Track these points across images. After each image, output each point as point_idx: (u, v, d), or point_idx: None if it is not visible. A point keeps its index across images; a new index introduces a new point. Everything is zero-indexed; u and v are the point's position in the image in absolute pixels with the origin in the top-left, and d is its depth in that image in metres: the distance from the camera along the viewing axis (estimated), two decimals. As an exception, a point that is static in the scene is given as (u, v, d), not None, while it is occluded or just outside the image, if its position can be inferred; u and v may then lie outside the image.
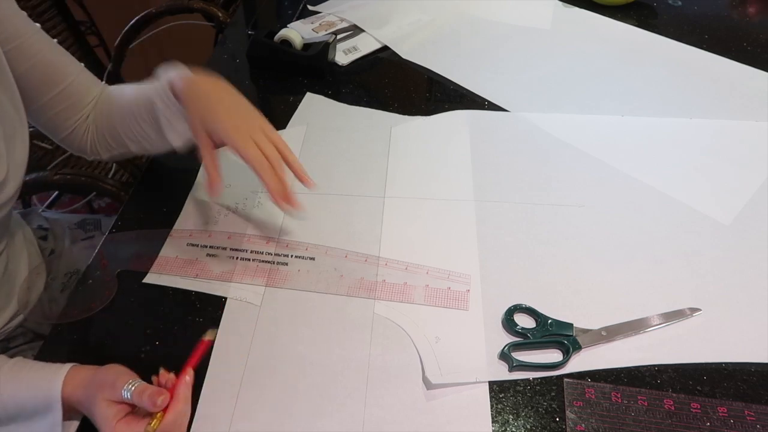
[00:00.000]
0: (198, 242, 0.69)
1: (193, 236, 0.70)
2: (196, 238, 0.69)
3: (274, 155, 0.59)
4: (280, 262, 0.67)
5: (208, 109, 0.59)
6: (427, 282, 0.64)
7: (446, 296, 0.63)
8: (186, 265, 0.66)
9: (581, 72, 0.98)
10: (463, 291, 0.63)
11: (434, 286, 0.64)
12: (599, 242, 0.69)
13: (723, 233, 0.71)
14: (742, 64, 0.99)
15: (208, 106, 0.59)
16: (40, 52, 0.64)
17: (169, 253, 0.68)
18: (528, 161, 0.80)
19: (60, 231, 0.85)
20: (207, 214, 0.72)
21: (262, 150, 0.58)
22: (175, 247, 0.68)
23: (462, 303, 0.62)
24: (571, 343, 0.58)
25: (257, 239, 0.69)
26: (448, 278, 0.65)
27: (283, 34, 0.95)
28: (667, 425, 0.53)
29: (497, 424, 0.53)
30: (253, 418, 0.53)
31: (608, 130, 0.86)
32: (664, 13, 1.14)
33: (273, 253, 0.68)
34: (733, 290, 0.64)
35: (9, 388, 0.50)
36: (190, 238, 0.70)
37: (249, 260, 0.67)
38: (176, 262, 0.67)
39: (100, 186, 1.09)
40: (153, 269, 0.66)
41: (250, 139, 0.58)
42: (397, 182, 0.77)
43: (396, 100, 0.92)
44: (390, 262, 0.66)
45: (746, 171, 0.79)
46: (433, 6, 1.13)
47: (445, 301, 0.63)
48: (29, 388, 0.51)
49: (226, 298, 0.63)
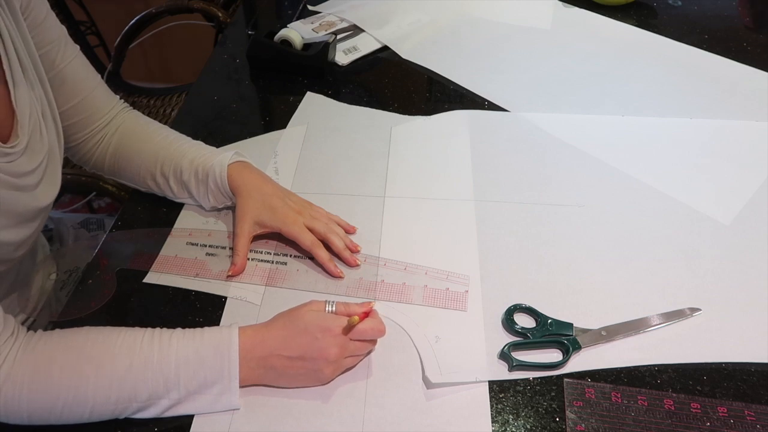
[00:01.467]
0: (197, 241, 0.69)
1: (192, 235, 0.70)
2: (196, 237, 0.70)
3: (323, 229, 0.66)
4: (279, 262, 0.67)
5: (263, 203, 0.66)
6: (426, 282, 0.64)
7: (445, 297, 0.63)
8: (186, 264, 0.66)
9: (581, 72, 0.98)
10: (462, 292, 0.63)
11: (433, 286, 0.64)
12: (599, 242, 0.69)
13: (723, 233, 0.71)
14: (742, 64, 0.99)
15: (262, 200, 0.67)
16: (63, 62, 0.64)
17: (168, 252, 0.68)
18: (528, 161, 0.80)
19: (64, 230, 0.86)
20: (207, 213, 0.72)
21: (315, 228, 0.66)
22: (174, 246, 0.69)
23: (460, 304, 0.62)
24: (571, 343, 0.58)
25: (257, 239, 0.69)
26: (446, 279, 0.65)
27: (283, 34, 0.95)
28: (667, 425, 0.53)
29: (497, 424, 0.53)
30: (253, 418, 0.53)
31: (608, 130, 0.86)
32: (664, 13, 1.14)
33: (272, 252, 0.68)
34: (733, 290, 0.64)
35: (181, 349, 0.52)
36: (190, 237, 0.70)
37: (248, 260, 0.67)
38: (176, 261, 0.67)
39: (101, 186, 1.09)
40: (153, 268, 0.66)
41: (303, 227, 0.66)
42: (397, 182, 0.77)
43: (396, 100, 0.92)
44: (389, 263, 0.66)
45: (746, 171, 0.79)
46: (433, 6, 1.13)
47: (443, 301, 0.63)
48: (204, 344, 0.52)
49: (227, 297, 0.63)
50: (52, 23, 0.63)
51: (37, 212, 0.60)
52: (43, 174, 0.60)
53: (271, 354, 0.53)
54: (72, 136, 0.70)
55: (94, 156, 0.72)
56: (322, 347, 0.53)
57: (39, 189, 0.60)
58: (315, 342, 0.53)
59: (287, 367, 0.53)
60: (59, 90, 0.65)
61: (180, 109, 0.92)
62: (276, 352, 0.53)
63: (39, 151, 0.59)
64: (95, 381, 0.49)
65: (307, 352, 0.53)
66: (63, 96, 0.66)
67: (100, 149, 0.72)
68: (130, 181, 0.74)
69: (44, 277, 0.74)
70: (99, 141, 0.71)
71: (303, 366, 0.53)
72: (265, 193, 0.67)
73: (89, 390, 0.49)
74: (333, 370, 0.54)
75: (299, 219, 0.66)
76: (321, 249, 0.65)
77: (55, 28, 0.64)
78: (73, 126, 0.69)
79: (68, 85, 0.66)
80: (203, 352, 0.51)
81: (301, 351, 0.53)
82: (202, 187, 0.69)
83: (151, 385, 0.50)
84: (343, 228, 0.69)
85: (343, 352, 0.54)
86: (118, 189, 1.09)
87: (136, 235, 0.70)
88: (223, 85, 0.95)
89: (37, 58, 0.60)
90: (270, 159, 0.80)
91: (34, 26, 0.61)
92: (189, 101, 0.93)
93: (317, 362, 0.53)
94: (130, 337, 0.52)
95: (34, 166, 0.58)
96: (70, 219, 0.89)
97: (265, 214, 0.66)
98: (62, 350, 0.50)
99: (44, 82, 0.61)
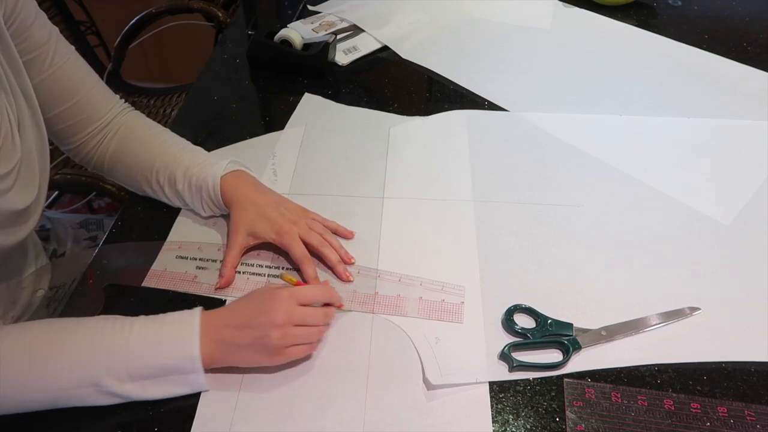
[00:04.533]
0: (187, 255, 0.68)
1: (182, 248, 0.68)
2: (186, 250, 0.68)
3: (317, 242, 0.66)
4: (271, 275, 0.66)
5: (257, 214, 0.66)
6: (421, 294, 0.63)
7: (440, 309, 0.62)
8: (175, 279, 0.65)
9: (581, 72, 0.98)
10: (458, 303, 0.63)
11: (428, 298, 0.63)
12: (599, 242, 0.69)
13: (723, 233, 0.71)
14: (742, 64, 0.99)
15: (256, 211, 0.66)
16: (55, 65, 0.64)
17: (158, 267, 0.67)
18: (527, 161, 0.80)
19: (62, 231, 0.85)
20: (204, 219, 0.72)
21: (309, 241, 0.65)
22: (164, 260, 0.67)
23: (456, 316, 0.61)
24: (571, 343, 0.58)
25: (251, 251, 0.68)
26: (442, 290, 0.64)
27: (283, 34, 0.95)
28: (667, 425, 0.53)
29: (497, 424, 0.53)
30: (253, 419, 0.53)
31: (608, 129, 0.86)
32: (664, 13, 1.14)
33: (264, 265, 0.67)
34: (732, 290, 0.64)
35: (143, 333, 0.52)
36: (179, 250, 0.68)
37: (239, 273, 0.65)
38: (165, 275, 0.66)
39: (101, 186, 1.09)
40: (144, 283, 0.65)
41: (297, 238, 0.65)
42: (395, 183, 0.77)
43: (396, 100, 0.92)
44: (383, 274, 0.65)
45: (746, 171, 0.79)
46: (433, 6, 1.13)
47: (439, 313, 0.61)
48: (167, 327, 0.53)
49: (226, 299, 0.63)
50: (41, 26, 0.62)
51: (11, 216, 0.60)
52: (16, 179, 0.59)
53: (221, 325, 0.53)
54: (71, 137, 0.69)
55: (94, 157, 0.72)
56: (266, 310, 0.53)
57: (11, 193, 0.59)
58: (261, 306, 0.54)
59: (236, 337, 0.53)
60: (52, 92, 0.64)
61: (180, 109, 0.92)
62: (225, 322, 0.54)
63: (11, 158, 0.59)
64: (56, 367, 0.49)
65: (253, 318, 0.53)
66: (57, 98, 0.65)
67: (100, 150, 0.71)
68: (128, 185, 0.73)
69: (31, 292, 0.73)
70: (99, 142, 0.71)
71: (251, 335, 0.53)
72: (259, 204, 0.66)
73: (49, 375, 0.49)
74: (280, 336, 0.53)
75: (294, 229, 0.65)
76: (309, 265, 0.64)
77: (44, 32, 0.63)
78: (71, 128, 0.68)
79: (62, 86, 0.65)
80: (164, 332, 0.52)
81: (247, 317, 0.54)
82: (196, 198, 0.69)
83: (114, 369, 0.50)
84: (341, 234, 0.69)
85: (290, 318, 0.54)
86: (118, 189, 1.09)
87: (125, 248, 0.69)
88: (223, 85, 0.95)
89: (20, 65, 0.59)
90: (268, 160, 0.80)
91: (22, 31, 0.60)
92: (189, 101, 0.93)
93: (264, 328, 0.53)
94: (92, 324, 0.52)
95: (5, 171, 0.58)
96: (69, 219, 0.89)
97: (258, 225, 0.65)
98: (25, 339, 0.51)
99: (26, 91, 0.61)
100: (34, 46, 0.62)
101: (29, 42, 0.61)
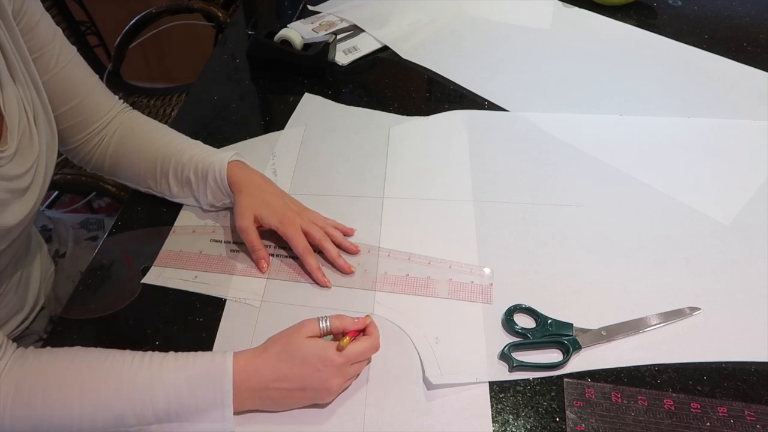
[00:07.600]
0: (201, 234, 0.70)
1: (196, 232, 0.71)
2: (199, 233, 0.70)
3: (318, 235, 0.66)
4: (279, 255, 0.68)
5: (262, 201, 0.67)
6: (451, 276, 0.65)
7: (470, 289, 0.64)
8: (189, 258, 0.67)
9: (581, 72, 0.98)
10: (486, 285, 0.64)
11: (458, 279, 0.65)
12: (598, 242, 0.69)
13: (723, 233, 0.71)
14: (742, 64, 0.99)
15: (262, 197, 0.67)
16: (59, 65, 0.64)
17: (172, 247, 0.68)
18: (527, 161, 0.80)
19: (63, 231, 0.85)
20: (205, 214, 0.73)
21: (311, 233, 0.66)
22: (177, 241, 0.69)
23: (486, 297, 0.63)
24: (571, 343, 0.58)
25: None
26: (470, 272, 0.65)
27: (283, 34, 0.95)
28: (667, 425, 0.53)
29: (497, 424, 0.53)
30: (253, 418, 0.53)
31: (608, 129, 0.86)
32: (664, 13, 1.14)
33: (274, 245, 0.69)
34: (732, 290, 0.64)
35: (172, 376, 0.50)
36: (194, 235, 0.70)
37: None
38: (180, 256, 0.68)
39: (101, 186, 1.09)
40: (157, 263, 0.67)
41: (299, 229, 0.66)
42: (395, 183, 0.77)
43: (396, 100, 0.92)
44: (412, 257, 0.67)
45: (746, 171, 0.79)
46: (433, 6, 1.13)
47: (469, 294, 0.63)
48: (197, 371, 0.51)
49: (226, 299, 0.63)
50: (46, 26, 0.63)
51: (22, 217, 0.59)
52: (33, 179, 0.59)
53: (267, 386, 0.51)
54: (71, 138, 0.69)
55: (94, 157, 0.72)
56: (323, 378, 0.52)
57: (28, 194, 0.59)
58: (316, 373, 0.51)
59: (285, 397, 0.52)
60: (56, 93, 0.64)
61: (180, 109, 0.92)
62: (273, 385, 0.51)
63: (29, 155, 0.59)
64: (80, 406, 0.48)
65: (308, 384, 0.52)
66: (60, 98, 0.65)
67: (100, 150, 0.71)
68: (129, 181, 0.74)
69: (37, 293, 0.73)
70: (99, 142, 0.71)
71: (303, 396, 0.53)
72: (265, 191, 0.68)
73: (74, 414, 0.48)
74: (334, 396, 0.54)
75: (297, 220, 0.66)
76: (311, 257, 0.65)
77: (49, 31, 0.63)
78: (71, 128, 0.68)
79: (65, 87, 0.65)
80: (195, 381, 0.50)
81: (302, 383, 0.52)
82: (201, 184, 0.69)
83: (139, 411, 0.49)
84: (341, 231, 0.69)
85: (344, 381, 0.53)
86: (118, 189, 1.09)
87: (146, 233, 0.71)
88: (223, 85, 0.95)
89: (30, 62, 0.60)
90: (268, 160, 0.80)
91: (28, 30, 0.60)
92: (189, 101, 0.93)
93: (319, 392, 0.52)
94: (119, 360, 0.51)
95: (24, 169, 0.58)
96: (69, 219, 0.89)
97: (263, 210, 0.66)
98: (49, 372, 0.50)
99: (37, 85, 0.61)
100: (40, 45, 0.62)
101: (35, 41, 0.61)
